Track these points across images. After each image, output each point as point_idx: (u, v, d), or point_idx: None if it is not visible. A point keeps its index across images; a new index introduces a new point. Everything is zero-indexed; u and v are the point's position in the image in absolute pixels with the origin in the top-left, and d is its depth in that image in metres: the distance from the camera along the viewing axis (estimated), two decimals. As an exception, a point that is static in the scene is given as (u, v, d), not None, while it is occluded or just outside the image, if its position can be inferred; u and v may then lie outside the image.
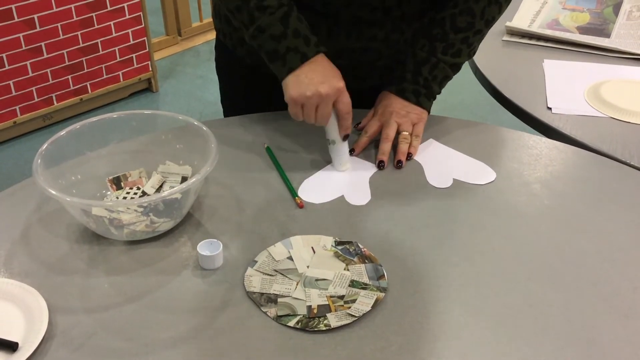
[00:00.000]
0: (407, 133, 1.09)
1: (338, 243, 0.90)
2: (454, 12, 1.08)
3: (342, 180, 1.02)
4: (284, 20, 0.98)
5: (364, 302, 0.81)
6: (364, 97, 1.16)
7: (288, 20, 0.98)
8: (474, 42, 1.12)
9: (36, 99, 2.73)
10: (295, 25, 0.98)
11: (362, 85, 1.17)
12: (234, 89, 1.31)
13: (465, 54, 1.12)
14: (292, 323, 0.78)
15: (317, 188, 1.01)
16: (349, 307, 0.80)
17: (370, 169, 1.05)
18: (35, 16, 2.57)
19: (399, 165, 1.06)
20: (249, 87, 1.26)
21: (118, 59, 2.92)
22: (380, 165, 1.05)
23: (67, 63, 2.76)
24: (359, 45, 1.12)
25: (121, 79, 2.97)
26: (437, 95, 1.14)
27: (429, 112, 1.15)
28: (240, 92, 1.29)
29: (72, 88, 2.82)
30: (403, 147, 1.07)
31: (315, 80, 0.97)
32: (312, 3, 1.06)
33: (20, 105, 2.70)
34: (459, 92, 3.22)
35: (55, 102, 2.80)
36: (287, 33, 0.98)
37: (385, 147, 1.07)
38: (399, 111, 1.10)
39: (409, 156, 1.07)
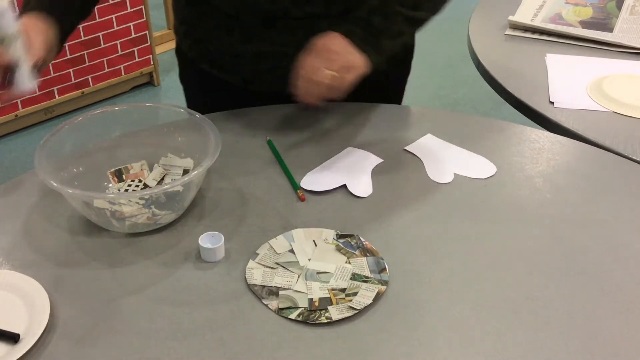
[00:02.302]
0: (332, 72, 0.95)
1: (340, 236, 0.90)
2: None
3: (345, 171, 1.02)
4: None
5: (365, 295, 0.81)
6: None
7: None
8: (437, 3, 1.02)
9: (37, 93, 2.73)
10: None
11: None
12: (194, 93, 1.30)
13: (428, 7, 1.02)
14: (293, 316, 0.78)
15: (319, 178, 1.01)
16: (351, 300, 0.80)
17: (372, 161, 1.05)
18: (37, 9, 2.57)
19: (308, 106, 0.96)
20: (206, 91, 1.25)
21: (120, 53, 2.91)
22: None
23: (68, 56, 2.75)
24: (274, 50, 1.09)
25: (122, 73, 2.97)
26: (389, 56, 1.02)
27: (375, 67, 1.00)
28: (200, 98, 1.28)
29: (73, 81, 2.82)
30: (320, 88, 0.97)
31: None
32: (222, 5, 1.06)
33: (21, 99, 2.70)
34: (460, 86, 3.22)
35: (56, 96, 2.80)
36: None
37: (302, 83, 0.97)
38: (339, 47, 0.97)
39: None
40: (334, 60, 0.96)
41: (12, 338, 0.74)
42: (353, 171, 1.03)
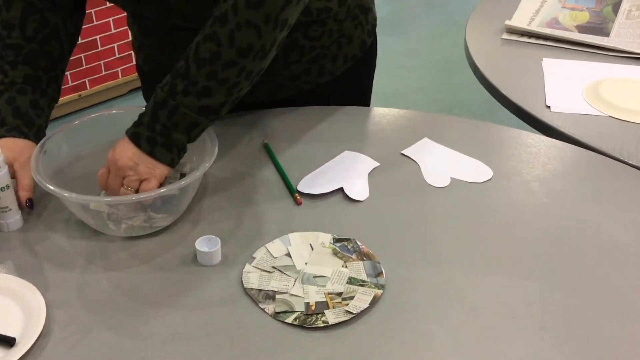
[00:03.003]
0: (131, 189, 0.90)
1: (336, 240, 0.90)
2: (199, 40, 0.88)
3: (341, 175, 1.02)
4: None
5: (362, 299, 0.81)
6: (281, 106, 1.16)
7: None
8: (230, 77, 0.88)
9: (35, 95, 2.73)
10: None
11: (257, 99, 1.15)
12: None
13: (222, 92, 0.89)
14: (290, 320, 0.78)
15: (315, 182, 1.01)
16: (347, 304, 0.80)
17: (369, 165, 1.05)
18: (34, 12, 2.57)
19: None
20: None
21: (117, 56, 2.91)
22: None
23: (65, 59, 2.75)
24: None
25: (120, 76, 2.97)
26: (187, 146, 0.92)
27: (170, 166, 0.91)
28: None
29: (70, 84, 2.82)
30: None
31: None
32: (158, 18, 1.03)
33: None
34: (457, 91, 3.22)
35: (53, 99, 2.79)
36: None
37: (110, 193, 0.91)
38: (127, 162, 0.89)
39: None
40: (128, 177, 0.89)
41: (8, 342, 0.74)
42: (350, 175, 1.03)
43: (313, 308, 0.80)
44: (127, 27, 2.87)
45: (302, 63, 1.13)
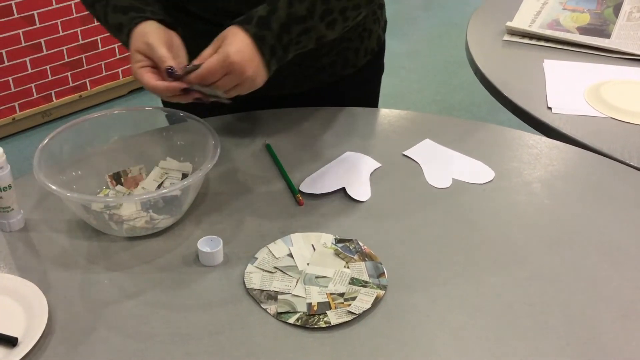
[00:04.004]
0: (230, 98, 0.90)
1: (338, 241, 0.90)
2: None
3: (343, 176, 1.02)
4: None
5: (364, 299, 0.81)
6: (288, 104, 1.16)
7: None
8: (349, 18, 0.94)
9: (35, 96, 2.73)
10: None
11: (283, 91, 1.16)
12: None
13: (338, 29, 0.94)
14: (292, 320, 0.78)
15: (317, 183, 1.01)
16: (349, 305, 0.80)
17: (371, 165, 1.05)
18: (35, 12, 2.57)
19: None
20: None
21: (118, 56, 2.92)
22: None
23: (66, 60, 2.75)
24: None
25: (120, 77, 2.97)
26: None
27: (260, 85, 0.91)
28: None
29: (71, 85, 2.82)
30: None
31: None
32: (202, 13, 1.05)
33: (19, 102, 2.69)
34: (458, 92, 3.22)
35: (54, 99, 2.80)
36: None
37: (194, 80, 0.87)
38: (252, 73, 0.87)
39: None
40: (241, 85, 0.88)
41: (10, 342, 0.74)
42: (351, 175, 1.03)
43: (315, 308, 0.80)
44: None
45: (332, 55, 1.15)
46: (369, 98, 1.30)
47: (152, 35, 0.89)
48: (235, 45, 0.86)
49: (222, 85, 0.87)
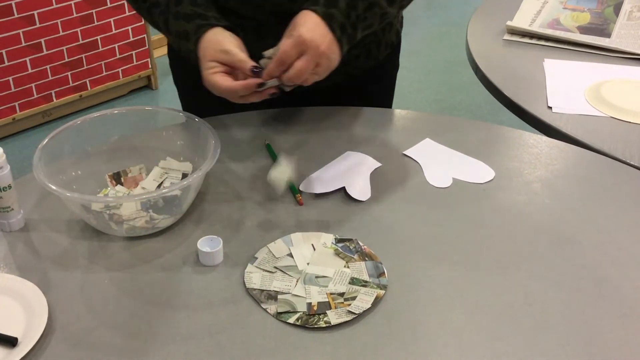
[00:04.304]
0: (312, 80, 0.92)
1: (338, 240, 0.90)
2: None
3: (343, 175, 1.02)
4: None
5: (364, 299, 0.81)
6: (324, 95, 1.16)
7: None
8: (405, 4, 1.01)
9: (35, 96, 2.73)
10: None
11: (310, 86, 1.16)
12: (189, 93, 1.29)
13: (396, 6, 0.99)
14: (292, 320, 0.78)
15: (317, 182, 1.01)
16: (349, 305, 0.80)
17: (371, 165, 1.05)
18: (35, 12, 2.57)
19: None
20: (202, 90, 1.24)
21: (118, 56, 2.92)
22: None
23: (66, 60, 2.75)
24: None
25: (121, 76, 2.97)
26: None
27: (335, 66, 0.94)
28: (195, 96, 1.26)
29: (71, 85, 2.82)
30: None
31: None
32: (236, 8, 1.06)
33: (19, 102, 2.69)
34: (458, 91, 3.22)
35: (54, 99, 2.80)
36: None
37: (273, 68, 0.90)
38: (326, 49, 0.89)
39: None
40: (319, 66, 0.91)
41: (10, 342, 0.74)
42: (352, 175, 1.03)
43: (315, 308, 0.80)
44: (128, 28, 2.87)
45: (359, 47, 1.16)
46: (385, 95, 1.31)
47: (227, 42, 0.92)
48: (306, 25, 0.89)
49: (299, 67, 0.89)
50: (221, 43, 0.92)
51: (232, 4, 1.07)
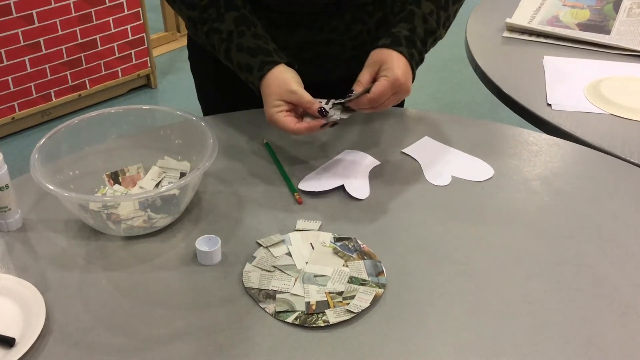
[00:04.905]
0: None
1: (337, 239, 0.90)
2: None
3: (342, 174, 1.02)
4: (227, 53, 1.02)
5: (362, 298, 0.80)
6: (333, 88, 1.16)
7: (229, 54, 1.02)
8: (455, 16, 1.09)
9: (34, 95, 2.73)
10: (237, 58, 1.01)
11: (330, 78, 1.17)
12: (207, 82, 1.30)
13: (447, 29, 1.08)
14: (290, 319, 0.78)
15: (316, 181, 1.01)
16: (348, 304, 0.80)
17: (370, 163, 1.05)
18: (34, 12, 2.56)
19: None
20: (221, 79, 1.25)
21: (117, 55, 2.91)
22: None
23: (65, 59, 2.75)
24: (321, 38, 1.11)
25: (120, 75, 2.96)
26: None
27: None
28: (213, 84, 1.28)
29: (70, 84, 2.82)
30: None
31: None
32: (269, 2, 1.08)
33: (18, 101, 2.69)
34: (457, 89, 3.22)
35: (53, 98, 2.79)
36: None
37: (365, 103, 0.97)
38: (409, 87, 0.99)
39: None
40: (402, 96, 1.00)
41: (7, 342, 0.74)
42: (350, 173, 1.02)
43: (314, 307, 0.79)
44: (126, 27, 2.87)
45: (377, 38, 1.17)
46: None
47: (292, 82, 0.98)
48: (401, 68, 0.97)
49: (388, 103, 0.99)
50: (287, 83, 0.97)
51: (269, 1, 1.08)
